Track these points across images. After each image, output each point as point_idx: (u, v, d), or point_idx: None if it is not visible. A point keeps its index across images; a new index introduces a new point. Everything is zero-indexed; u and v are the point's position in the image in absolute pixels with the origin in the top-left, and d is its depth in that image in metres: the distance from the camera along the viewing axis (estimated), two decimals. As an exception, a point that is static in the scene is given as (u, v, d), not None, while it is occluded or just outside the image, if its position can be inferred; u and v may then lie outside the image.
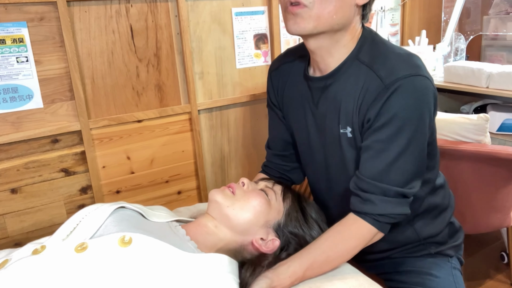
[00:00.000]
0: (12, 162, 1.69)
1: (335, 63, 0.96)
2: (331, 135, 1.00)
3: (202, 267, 0.78)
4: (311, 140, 1.07)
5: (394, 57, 0.91)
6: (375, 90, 0.88)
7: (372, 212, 0.90)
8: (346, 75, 0.95)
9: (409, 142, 0.88)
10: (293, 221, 0.95)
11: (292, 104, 1.11)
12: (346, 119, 0.95)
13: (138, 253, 0.76)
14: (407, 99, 0.87)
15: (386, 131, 0.88)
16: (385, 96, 0.87)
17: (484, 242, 2.10)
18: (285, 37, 2.25)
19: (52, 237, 0.82)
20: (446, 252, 1.08)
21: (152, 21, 1.85)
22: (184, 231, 0.90)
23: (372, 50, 0.94)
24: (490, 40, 2.84)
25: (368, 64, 0.92)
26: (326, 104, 0.99)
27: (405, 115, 0.87)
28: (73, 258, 0.74)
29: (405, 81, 0.86)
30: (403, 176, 0.90)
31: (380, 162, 0.89)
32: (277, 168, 1.23)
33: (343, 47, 0.94)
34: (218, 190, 0.96)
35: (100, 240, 0.77)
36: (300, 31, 0.89)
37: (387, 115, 0.88)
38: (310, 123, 1.05)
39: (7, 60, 1.60)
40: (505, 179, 1.61)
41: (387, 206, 0.90)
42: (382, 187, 0.89)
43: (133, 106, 1.89)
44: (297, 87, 1.07)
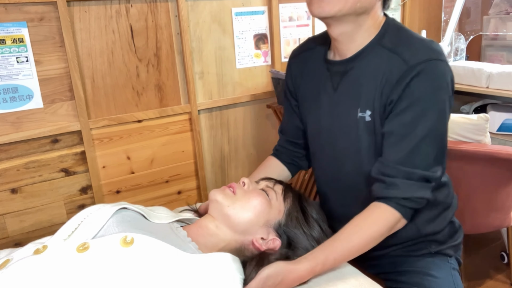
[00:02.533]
0: (12, 162, 1.69)
1: (356, 48, 0.97)
2: (347, 121, 1.00)
3: (204, 267, 0.78)
4: (324, 128, 1.07)
5: (417, 42, 0.93)
6: (398, 72, 0.90)
7: (396, 195, 0.90)
8: (367, 59, 0.96)
9: (432, 126, 0.89)
10: (294, 221, 0.95)
11: (308, 93, 1.11)
12: (366, 102, 0.95)
13: (140, 253, 0.76)
14: (430, 83, 0.88)
15: (410, 115, 0.89)
16: (408, 77, 0.88)
17: (484, 242, 2.11)
18: (285, 37, 2.25)
19: (53, 237, 0.82)
20: (445, 251, 1.08)
21: (152, 21, 1.85)
22: (185, 232, 0.90)
23: (395, 36, 0.95)
24: (490, 40, 2.85)
25: (391, 49, 0.93)
26: (345, 88, 1.00)
27: (428, 98, 0.88)
28: (74, 258, 0.74)
29: (428, 64, 0.88)
30: (426, 160, 0.90)
31: (404, 146, 0.90)
32: (288, 153, 1.24)
33: (365, 32, 0.95)
34: (219, 190, 0.96)
35: (102, 240, 0.77)
36: (325, 14, 0.90)
37: (410, 98, 0.89)
38: (325, 111, 1.05)
39: (7, 60, 1.60)
40: (505, 179, 1.61)
41: (411, 190, 0.89)
42: (406, 170, 0.89)
43: (133, 106, 1.89)
44: (316, 73, 1.08)
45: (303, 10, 2.28)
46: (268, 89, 2.24)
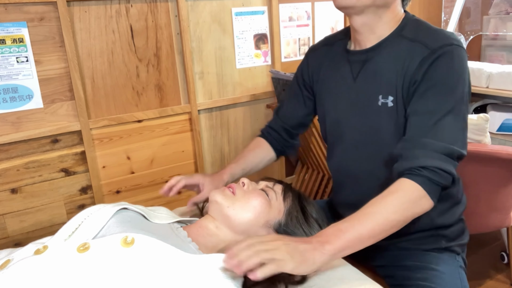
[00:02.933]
0: (12, 162, 1.69)
1: (377, 39, 1.01)
2: (369, 109, 1.02)
3: (204, 267, 0.78)
4: (344, 117, 1.08)
5: (438, 30, 0.97)
6: (420, 55, 0.93)
7: (417, 165, 0.87)
8: (388, 48, 0.99)
9: (454, 105, 0.90)
10: (294, 221, 0.95)
11: (328, 84, 1.14)
12: (388, 88, 0.98)
13: (141, 254, 0.75)
14: (451, 65, 0.91)
15: (432, 94, 0.91)
16: (431, 59, 0.91)
17: (484, 242, 2.11)
18: (285, 37, 2.25)
19: (54, 237, 0.82)
20: (454, 248, 1.08)
21: (152, 21, 1.85)
22: (185, 232, 0.90)
23: (415, 28, 0.99)
24: (490, 40, 2.85)
25: (411, 38, 0.97)
26: (365, 76, 1.03)
27: (450, 79, 0.91)
28: (75, 258, 0.74)
29: (450, 48, 0.91)
30: (449, 135, 0.90)
31: (427, 122, 0.91)
32: (278, 139, 1.27)
33: (385, 24, 0.99)
34: (219, 191, 0.96)
35: (102, 240, 0.77)
36: (346, 3, 0.94)
37: (432, 79, 0.91)
38: (345, 100, 1.08)
39: (7, 60, 1.60)
40: (505, 179, 1.61)
41: (433, 159, 0.87)
42: (428, 141, 0.89)
43: (133, 106, 1.89)
44: (335, 65, 1.11)
45: (303, 10, 2.28)
46: (268, 89, 2.24)
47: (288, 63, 2.29)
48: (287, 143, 1.28)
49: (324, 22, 2.37)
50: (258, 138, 1.32)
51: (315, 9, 2.32)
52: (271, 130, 1.29)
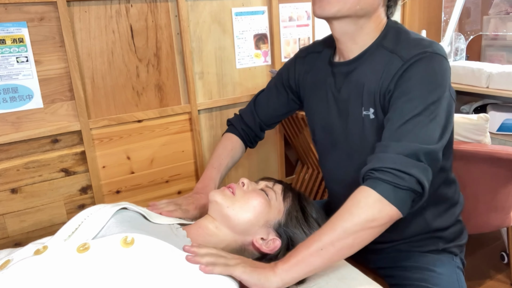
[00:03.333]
0: (12, 162, 1.69)
1: (359, 49, 1.00)
2: (354, 119, 1.02)
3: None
4: (333, 127, 1.09)
5: (416, 41, 0.95)
6: (395, 68, 0.93)
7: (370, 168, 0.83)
8: (369, 60, 0.99)
9: (424, 110, 0.86)
10: (294, 221, 0.95)
11: (314, 90, 1.14)
12: (369, 100, 0.98)
13: (140, 254, 0.76)
14: (423, 72, 0.90)
15: (402, 102, 0.90)
16: (402, 69, 0.92)
17: (484, 242, 2.10)
18: (285, 37, 2.25)
19: (54, 237, 0.82)
20: (452, 249, 1.09)
21: (152, 21, 1.85)
22: (185, 232, 0.91)
23: (395, 38, 0.98)
24: (490, 40, 2.85)
25: (391, 49, 0.96)
26: (349, 88, 1.03)
27: (420, 86, 0.89)
28: (75, 258, 0.74)
29: (423, 55, 0.91)
30: (413, 135, 0.84)
31: (394, 124, 0.88)
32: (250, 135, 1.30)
33: (367, 34, 0.98)
34: (218, 191, 0.96)
35: (102, 240, 0.77)
36: (325, 14, 0.95)
37: (404, 86, 0.91)
38: (332, 109, 1.08)
39: (7, 60, 1.60)
40: (505, 179, 1.61)
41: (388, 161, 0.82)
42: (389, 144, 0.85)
43: (133, 106, 1.89)
44: (321, 75, 1.12)
45: (303, 10, 2.28)
46: (268, 89, 2.24)
47: (288, 63, 2.29)
48: (256, 138, 1.32)
49: (324, 22, 2.37)
50: (232, 136, 1.30)
51: (315, 9, 2.32)
52: (245, 126, 1.30)
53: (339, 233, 0.80)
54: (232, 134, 1.31)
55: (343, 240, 0.80)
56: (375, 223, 0.81)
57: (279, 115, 1.29)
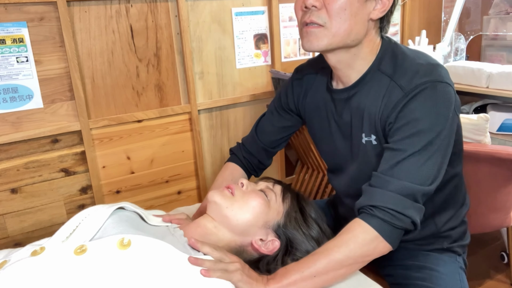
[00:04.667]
0: (12, 162, 1.69)
1: (356, 75, 0.98)
2: (357, 143, 1.01)
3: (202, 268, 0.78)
4: (338, 149, 1.08)
5: (415, 67, 0.92)
6: (395, 98, 0.90)
7: (370, 203, 0.86)
8: (368, 85, 0.96)
9: (423, 147, 0.87)
10: (293, 222, 0.95)
11: (315, 113, 1.12)
12: (370, 127, 0.96)
13: (137, 255, 0.75)
14: (425, 104, 0.87)
15: (403, 133, 0.89)
16: (404, 101, 0.89)
17: (484, 242, 2.10)
18: (285, 37, 2.25)
19: (51, 239, 0.82)
20: (455, 249, 1.09)
21: (152, 21, 1.85)
22: (182, 232, 0.90)
23: (392, 61, 0.95)
24: (490, 40, 2.84)
25: (389, 74, 0.93)
26: (350, 114, 1.01)
27: (422, 120, 0.87)
28: (72, 260, 0.74)
29: (424, 86, 0.88)
30: (413, 174, 0.86)
31: (393, 159, 0.88)
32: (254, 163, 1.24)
33: (362, 59, 0.96)
34: (217, 191, 0.95)
35: (99, 242, 0.77)
36: (314, 48, 0.91)
37: (405, 118, 0.88)
38: (335, 131, 1.07)
39: (7, 60, 1.60)
40: (505, 179, 1.61)
41: (387, 200, 0.85)
42: (387, 179, 0.87)
43: (133, 106, 1.89)
44: (320, 100, 1.09)
45: (303, 10, 2.28)
46: (268, 89, 2.24)
47: (288, 63, 2.29)
48: (261, 165, 1.25)
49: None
50: (232, 166, 1.26)
51: (315, 9, 2.32)
52: (247, 153, 1.25)
53: (334, 264, 0.85)
54: (233, 164, 1.26)
55: (337, 271, 0.86)
56: (368, 258, 0.88)
57: (284, 136, 1.23)
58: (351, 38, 0.91)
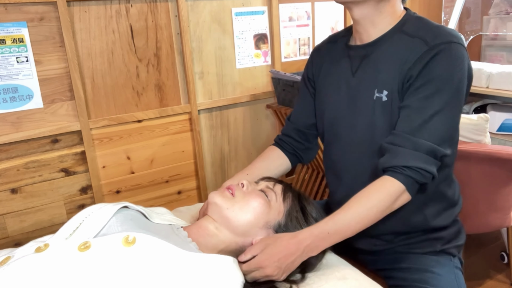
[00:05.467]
0: (12, 162, 1.69)
1: (377, 33, 1.01)
2: (363, 104, 1.03)
3: (205, 267, 0.78)
4: (342, 114, 1.09)
5: (439, 27, 0.97)
6: (419, 51, 0.94)
7: (399, 164, 0.91)
8: (388, 44, 0.99)
9: (445, 104, 0.91)
10: (294, 221, 0.95)
11: (328, 80, 1.14)
12: (384, 82, 0.98)
13: (142, 253, 0.75)
14: (448, 63, 0.91)
15: (425, 91, 0.92)
16: (428, 57, 0.92)
17: (484, 242, 2.10)
18: (285, 37, 2.25)
19: (55, 236, 0.82)
20: (450, 250, 1.09)
21: (152, 21, 1.85)
22: (186, 232, 0.90)
23: (417, 23, 1.00)
24: (490, 40, 2.85)
25: (412, 34, 0.97)
26: (364, 71, 1.03)
27: (445, 77, 0.91)
28: (76, 256, 0.74)
29: (448, 46, 0.91)
30: (436, 134, 0.91)
31: (416, 119, 0.92)
32: (292, 143, 1.26)
33: (386, 18, 1.00)
34: (218, 192, 0.95)
35: (103, 239, 0.77)
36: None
37: (428, 75, 0.91)
38: (343, 97, 1.08)
39: (7, 60, 1.60)
40: (505, 179, 1.61)
41: (416, 159, 0.90)
42: (414, 141, 0.91)
43: (133, 106, 1.89)
44: (336, 60, 1.12)
45: (303, 10, 2.28)
46: (268, 89, 2.24)
47: (288, 63, 2.29)
48: (301, 145, 1.24)
49: (324, 22, 2.37)
50: (270, 146, 1.30)
51: (315, 9, 2.32)
52: (282, 136, 1.27)
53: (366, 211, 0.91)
54: (271, 145, 1.30)
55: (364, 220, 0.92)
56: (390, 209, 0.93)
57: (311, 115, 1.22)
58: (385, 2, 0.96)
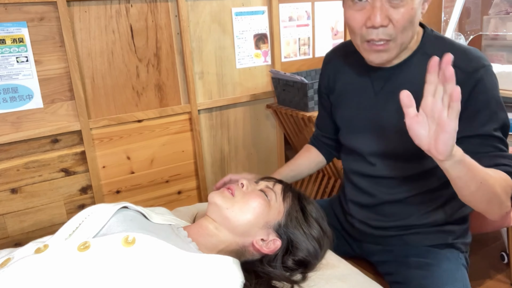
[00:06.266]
0: (12, 162, 1.69)
1: (401, 57, 1.00)
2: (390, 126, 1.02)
3: (205, 267, 0.78)
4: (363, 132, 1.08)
5: (465, 50, 0.97)
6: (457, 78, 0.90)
7: None
8: (412, 66, 0.99)
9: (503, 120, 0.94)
10: (294, 221, 0.95)
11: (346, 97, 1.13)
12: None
13: (142, 253, 0.75)
14: (491, 86, 0.94)
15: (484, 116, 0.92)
16: (470, 84, 0.92)
17: (484, 242, 2.10)
18: (285, 37, 2.25)
19: (54, 236, 0.82)
20: (459, 245, 1.09)
21: (152, 21, 1.85)
22: (186, 232, 0.90)
23: (437, 44, 0.99)
24: (490, 40, 2.84)
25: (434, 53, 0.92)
26: (388, 93, 1.02)
27: (493, 99, 0.93)
28: (75, 257, 0.74)
29: (485, 70, 0.94)
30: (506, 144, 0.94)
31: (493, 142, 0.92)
32: (324, 146, 1.33)
33: (408, 49, 1.00)
34: (217, 192, 0.95)
35: (103, 239, 0.77)
36: (383, 61, 0.96)
37: (480, 102, 0.92)
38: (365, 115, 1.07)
39: (7, 60, 1.60)
40: (505, 179, 1.61)
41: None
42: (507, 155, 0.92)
43: (133, 106, 1.89)
44: (355, 79, 1.10)
45: (303, 10, 2.28)
46: (268, 89, 2.24)
47: (288, 63, 2.29)
48: (331, 146, 1.32)
49: (324, 22, 2.37)
50: (307, 144, 1.38)
51: (315, 9, 2.32)
52: (315, 139, 1.35)
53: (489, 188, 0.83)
54: (307, 144, 1.37)
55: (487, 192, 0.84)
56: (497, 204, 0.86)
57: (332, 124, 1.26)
58: (412, 39, 0.96)
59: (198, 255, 0.81)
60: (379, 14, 0.88)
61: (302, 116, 1.95)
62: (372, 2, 0.89)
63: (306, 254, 0.94)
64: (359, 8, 0.92)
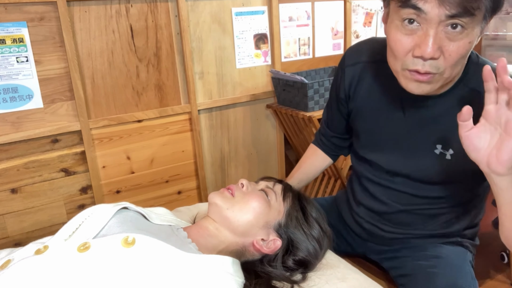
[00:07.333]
0: (12, 162, 1.69)
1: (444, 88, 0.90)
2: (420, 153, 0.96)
3: (205, 268, 0.78)
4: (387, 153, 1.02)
5: None
6: None
7: None
8: (451, 98, 0.90)
9: None
10: (294, 221, 0.95)
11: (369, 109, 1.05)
12: (448, 139, 0.90)
13: (141, 254, 0.75)
14: None
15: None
16: None
17: (484, 242, 2.10)
18: (285, 37, 2.25)
19: (54, 237, 0.82)
20: (467, 244, 1.09)
21: (152, 21, 1.85)
22: (185, 233, 0.90)
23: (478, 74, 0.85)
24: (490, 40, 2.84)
25: (478, 87, 0.86)
26: (420, 119, 0.94)
27: None
28: (75, 257, 0.74)
29: None
30: None
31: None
32: (332, 146, 1.27)
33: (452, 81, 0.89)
34: (217, 193, 0.95)
35: (103, 240, 0.77)
36: (424, 92, 0.84)
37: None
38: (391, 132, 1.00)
39: (7, 60, 1.60)
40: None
41: None
42: None
43: (133, 106, 1.89)
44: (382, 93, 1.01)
45: (303, 10, 2.28)
46: (268, 89, 2.24)
47: (288, 63, 2.29)
48: (340, 146, 1.27)
49: (324, 22, 2.37)
50: (312, 145, 1.33)
51: (315, 9, 2.32)
52: (323, 138, 1.28)
53: None
54: (313, 144, 1.32)
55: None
56: None
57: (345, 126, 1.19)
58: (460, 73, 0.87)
59: (197, 256, 0.81)
60: (432, 44, 0.75)
61: (302, 116, 1.95)
62: (426, 29, 0.76)
63: (306, 254, 0.95)
64: (408, 32, 0.78)
